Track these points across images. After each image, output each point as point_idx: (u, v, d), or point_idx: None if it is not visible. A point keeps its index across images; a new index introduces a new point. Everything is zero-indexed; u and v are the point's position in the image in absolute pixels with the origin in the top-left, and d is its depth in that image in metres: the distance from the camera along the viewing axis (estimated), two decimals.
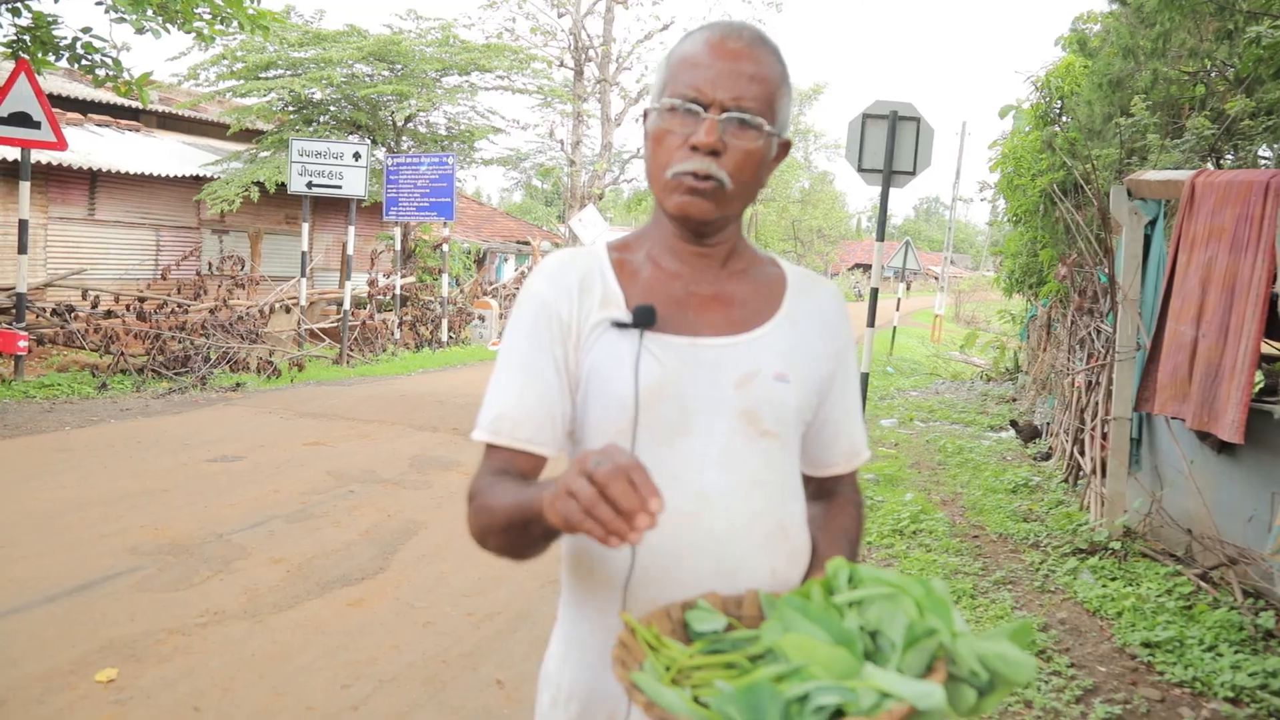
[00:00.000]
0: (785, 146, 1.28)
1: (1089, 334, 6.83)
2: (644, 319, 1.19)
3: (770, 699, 0.89)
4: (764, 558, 1.21)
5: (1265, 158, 6.02)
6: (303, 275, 12.55)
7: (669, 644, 1.03)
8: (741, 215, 1.29)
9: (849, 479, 1.41)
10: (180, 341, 10.30)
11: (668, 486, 1.18)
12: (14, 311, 8.92)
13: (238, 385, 9.81)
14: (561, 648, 1.29)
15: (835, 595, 1.06)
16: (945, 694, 0.92)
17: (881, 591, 1.02)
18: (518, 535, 1.11)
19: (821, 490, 1.40)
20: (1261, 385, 4.87)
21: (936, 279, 35.87)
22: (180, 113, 16.39)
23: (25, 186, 8.70)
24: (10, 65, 8.26)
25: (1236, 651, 3.64)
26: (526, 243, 23.04)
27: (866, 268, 47.70)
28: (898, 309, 22.19)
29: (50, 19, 7.93)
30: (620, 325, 1.20)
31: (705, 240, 1.26)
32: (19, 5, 7.77)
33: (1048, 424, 8.33)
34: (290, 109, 15.39)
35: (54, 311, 10.12)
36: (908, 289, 23.22)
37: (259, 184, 13.41)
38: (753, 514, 1.20)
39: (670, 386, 1.19)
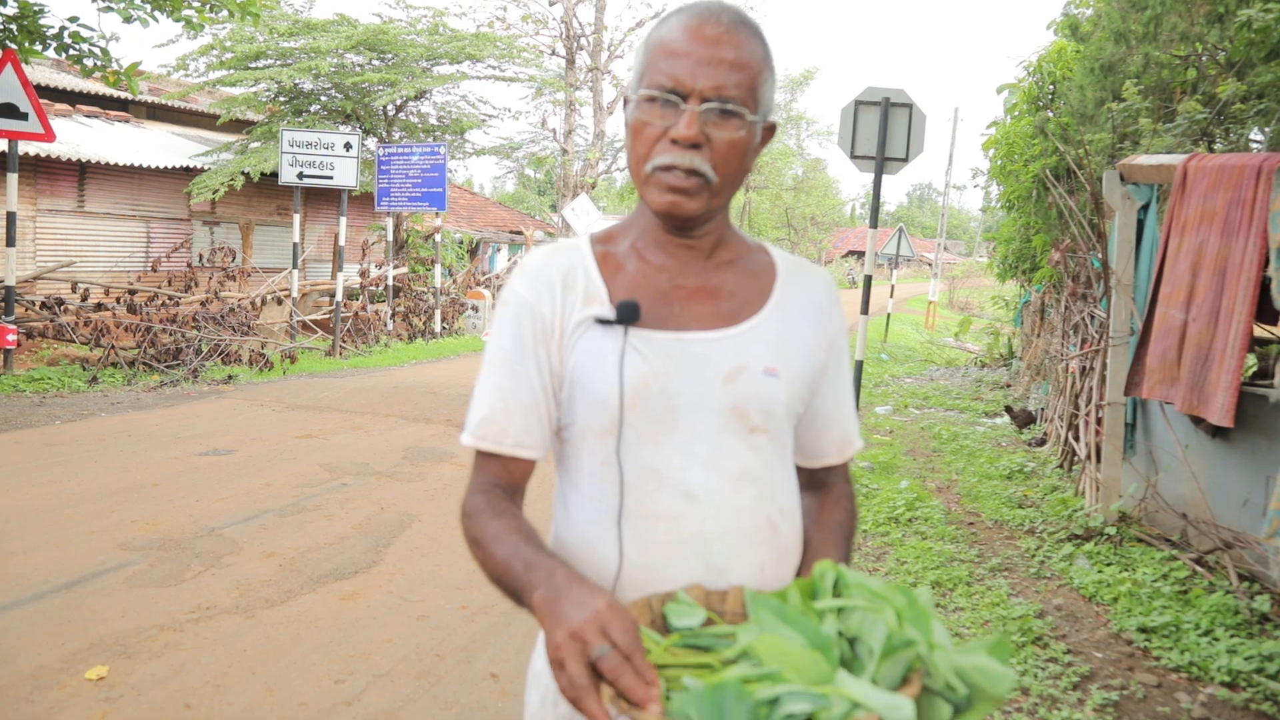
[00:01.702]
0: (770, 129, 1.24)
1: (1083, 319, 6.82)
2: (628, 315, 1.16)
3: (737, 701, 0.87)
4: (753, 555, 1.18)
5: (1257, 141, 6.01)
6: (294, 267, 12.49)
7: (644, 636, 1.01)
8: (728, 204, 1.26)
9: (841, 469, 1.39)
10: (171, 334, 10.25)
11: (654, 485, 1.17)
12: (3, 305, 8.86)
13: (229, 378, 9.77)
14: None
15: (817, 600, 1.04)
16: (917, 708, 0.91)
17: (862, 599, 1.00)
18: (506, 593, 1.12)
19: (814, 481, 1.37)
20: (1255, 369, 4.87)
21: (930, 265, 35.84)
22: (170, 103, 16.26)
23: (13, 178, 8.64)
24: None
25: (1232, 635, 3.64)
26: (519, 232, 22.96)
27: (860, 254, 47.68)
28: (891, 296, 22.17)
29: (37, 8, 7.84)
30: (604, 322, 1.18)
31: (691, 233, 1.23)
32: None
33: (1042, 410, 8.34)
34: (280, 99, 15.30)
35: (43, 304, 10.04)
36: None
37: (245, 174, 13.34)
38: (741, 511, 1.18)
39: (656, 383, 1.16)
